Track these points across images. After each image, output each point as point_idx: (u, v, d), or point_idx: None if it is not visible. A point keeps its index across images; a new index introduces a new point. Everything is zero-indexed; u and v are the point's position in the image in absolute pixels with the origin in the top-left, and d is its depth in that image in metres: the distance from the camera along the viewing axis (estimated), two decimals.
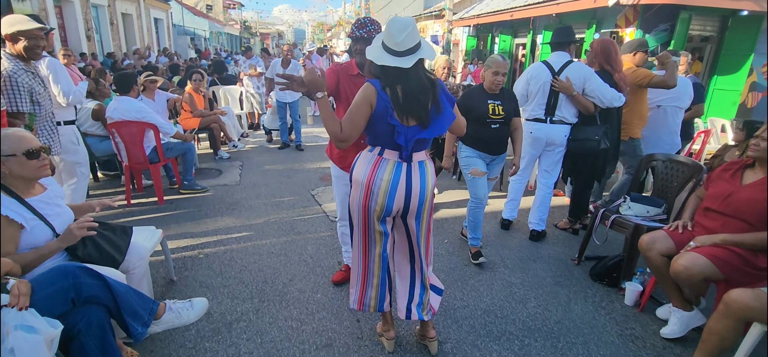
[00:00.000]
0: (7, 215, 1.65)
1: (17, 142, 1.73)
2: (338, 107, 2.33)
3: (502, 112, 2.85)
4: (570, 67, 3.11)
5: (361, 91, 1.76)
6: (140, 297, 1.71)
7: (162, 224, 3.62)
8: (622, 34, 8.95)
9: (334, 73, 2.27)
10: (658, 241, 2.30)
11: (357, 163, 1.90)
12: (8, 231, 1.66)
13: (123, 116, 3.82)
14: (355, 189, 1.89)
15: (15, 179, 1.75)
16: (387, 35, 1.73)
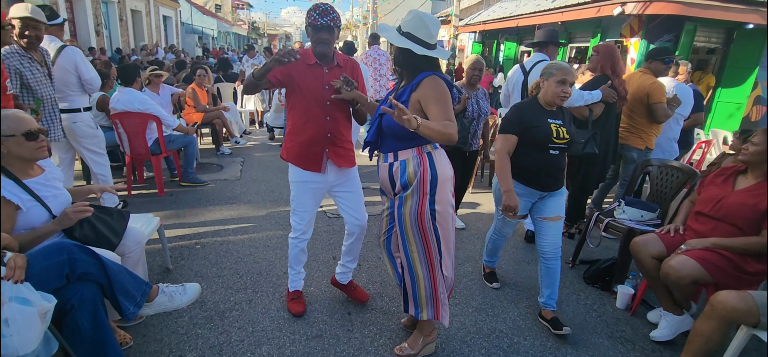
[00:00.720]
0: (4, 196, 1.68)
1: (16, 123, 1.78)
2: (289, 97, 2.12)
3: (567, 134, 2.24)
4: (537, 65, 3.25)
5: (439, 86, 1.72)
6: (133, 278, 1.74)
7: (159, 214, 3.68)
8: (627, 44, 8.96)
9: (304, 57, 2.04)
10: (650, 244, 2.32)
11: (438, 163, 1.82)
12: (5, 211, 1.69)
13: (126, 107, 3.88)
14: (444, 188, 1.82)
15: (13, 160, 1.79)
16: (420, 26, 1.72)
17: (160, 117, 3.99)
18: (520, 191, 2.27)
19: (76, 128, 3.27)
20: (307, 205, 2.21)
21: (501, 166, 2.21)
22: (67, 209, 1.80)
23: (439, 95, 1.72)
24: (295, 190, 2.20)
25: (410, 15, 1.77)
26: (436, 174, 1.81)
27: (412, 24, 1.75)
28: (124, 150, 4.09)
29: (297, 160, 2.14)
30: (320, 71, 2.06)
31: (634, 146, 3.46)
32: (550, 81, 2.20)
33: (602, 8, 8.12)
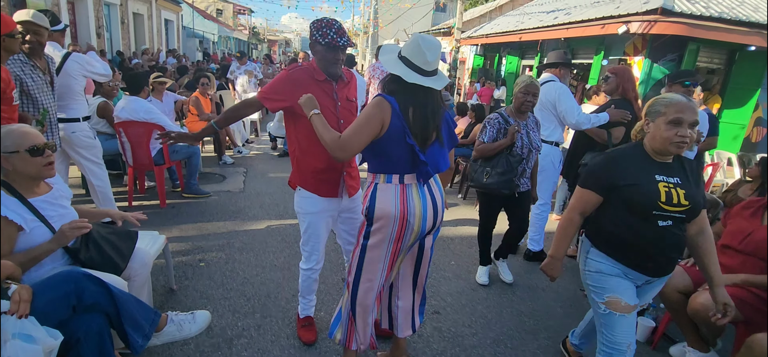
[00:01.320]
0: (6, 216, 1.59)
1: (21, 138, 1.68)
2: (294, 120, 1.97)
3: (685, 200, 1.62)
4: (544, 86, 3.20)
5: (374, 106, 1.62)
6: (142, 306, 1.64)
7: (163, 227, 3.58)
8: (631, 63, 8.99)
9: (290, 82, 1.92)
10: (676, 278, 2.24)
11: (378, 199, 1.70)
12: (6, 232, 1.59)
13: (131, 116, 3.78)
14: (383, 225, 1.70)
15: (18, 177, 1.70)
16: (416, 53, 1.62)
17: (164, 127, 3.89)
18: (616, 269, 1.72)
19: (75, 138, 3.16)
20: (321, 236, 2.10)
21: (561, 228, 1.79)
22: (63, 226, 1.68)
23: (363, 113, 1.64)
24: (309, 222, 2.06)
25: (411, 40, 1.68)
26: (374, 208, 1.71)
27: (409, 49, 1.65)
28: (126, 159, 3.98)
29: (314, 187, 2.00)
30: (330, 87, 1.97)
31: None
32: (659, 121, 1.62)
33: (607, 26, 8.15)
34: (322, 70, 1.94)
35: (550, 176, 3.31)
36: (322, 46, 1.87)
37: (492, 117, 2.83)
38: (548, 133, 3.20)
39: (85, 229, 1.66)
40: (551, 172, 3.29)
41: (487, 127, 2.81)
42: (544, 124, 3.21)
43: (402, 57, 1.67)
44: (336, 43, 1.84)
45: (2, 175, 1.70)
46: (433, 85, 1.63)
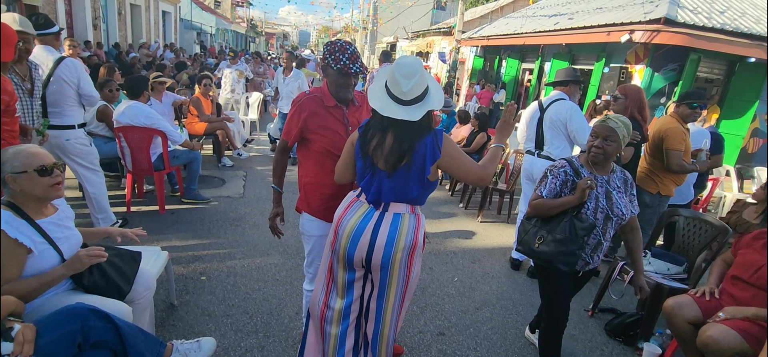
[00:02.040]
0: (16, 238, 1.53)
1: (29, 158, 1.63)
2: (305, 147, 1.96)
3: None
4: (555, 104, 3.19)
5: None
6: (148, 339, 1.60)
7: (163, 235, 3.52)
8: (632, 71, 9.00)
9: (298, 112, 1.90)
10: (685, 307, 2.23)
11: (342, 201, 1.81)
12: (14, 254, 1.54)
13: (131, 121, 3.71)
14: (332, 227, 1.78)
15: (26, 198, 1.64)
16: (392, 81, 1.55)
17: (166, 133, 3.83)
18: None
19: (70, 146, 3.08)
20: (326, 257, 2.02)
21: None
22: (80, 253, 1.64)
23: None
24: (314, 244, 2.05)
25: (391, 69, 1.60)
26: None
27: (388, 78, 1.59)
28: (125, 164, 3.91)
29: (322, 214, 1.98)
30: (341, 113, 1.94)
31: (647, 189, 3.33)
32: None
33: (611, 33, 8.14)
34: (332, 95, 1.91)
35: None
36: (334, 71, 1.84)
37: (556, 165, 2.14)
38: (558, 151, 3.17)
39: (102, 258, 1.61)
40: None
41: (548, 177, 2.13)
42: (554, 143, 3.19)
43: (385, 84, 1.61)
44: (348, 69, 1.81)
45: (9, 196, 1.64)
46: (409, 118, 1.54)
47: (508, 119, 1.76)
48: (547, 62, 11.75)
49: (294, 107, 1.93)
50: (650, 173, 3.33)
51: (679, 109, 3.23)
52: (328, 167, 1.91)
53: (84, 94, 3.07)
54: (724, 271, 2.37)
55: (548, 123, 3.19)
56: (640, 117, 3.10)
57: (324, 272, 1.85)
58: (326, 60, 1.84)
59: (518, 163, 4.97)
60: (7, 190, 1.64)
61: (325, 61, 1.85)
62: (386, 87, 1.59)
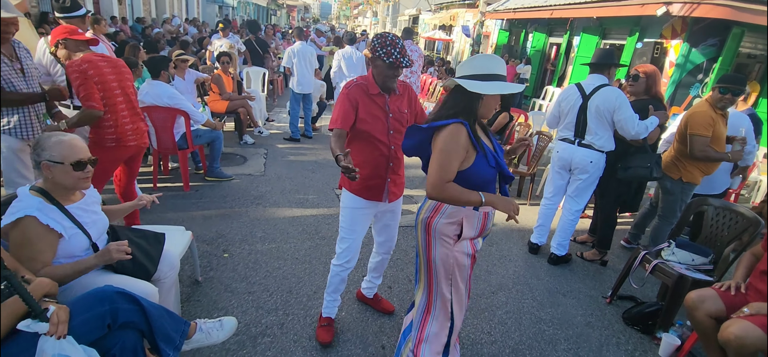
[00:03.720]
0: (48, 224, 1.63)
1: (68, 150, 1.72)
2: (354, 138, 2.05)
3: None
4: (601, 91, 3.01)
5: (452, 137, 1.61)
6: (173, 318, 1.68)
7: (188, 212, 3.66)
8: (667, 46, 8.52)
9: (350, 100, 1.98)
10: (707, 301, 2.17)
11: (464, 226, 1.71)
12: (47, 239, 1.64)
13: (155, 101, 3.80)
14: (461, 247, 1.74)
15: (56, 185, 1.73)
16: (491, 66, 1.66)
17: (188, 113, 3.91)
18: None
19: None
20: (359, 233, 2.19)
21: None
22: (110, 247, 1.71)
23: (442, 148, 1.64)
24: (350, 217, 2.16)
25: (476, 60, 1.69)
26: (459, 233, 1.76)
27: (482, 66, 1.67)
28: (150, 143, 4.04)
29: (360, 192, 2.11)
30: (383, 100, 2.06)
31: (669, 175, 3.22)
32: None
33: (645, 6, 7.67)
34: (378, 84, 2.03)
35: (594, 184, 3.20)
36: (384, 63, 1.94)
37: None
38: (601, 142, 3.04)
39: (128, 256, 1.69)
40: (596, 179, 3.17)
41: None
42: (598, 133, 3.04)
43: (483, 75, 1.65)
44: (399, 63, 1.92)
45: (41, 182, 1.73)
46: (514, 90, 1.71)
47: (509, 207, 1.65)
48: (576, 37, 11.24)
49: (344, 94, 2.01)
50: (675, 159, 3.21)
51: (713, 90, 3.04)
52: (366, 150, 2.06)
53: None
54: (752, 265, 2.28)
55: (594, 111, 3.00)
56: (659, 93, 2.98)
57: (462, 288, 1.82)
58: (377, 52, 1.94)
59: (541, 144, 4.85)
60: (40, 174, 1.73)
61: (376, 54, 1.94)
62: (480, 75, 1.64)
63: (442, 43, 21.01)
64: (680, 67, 8.19)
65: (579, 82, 3.16)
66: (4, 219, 1.63)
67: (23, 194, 1.71)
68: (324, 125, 7.38)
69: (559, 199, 3.44)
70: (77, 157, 1.71)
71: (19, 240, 1.61)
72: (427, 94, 8.10)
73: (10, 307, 1.29)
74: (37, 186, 1.73)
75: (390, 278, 3.00)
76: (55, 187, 1.72)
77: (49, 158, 1.69)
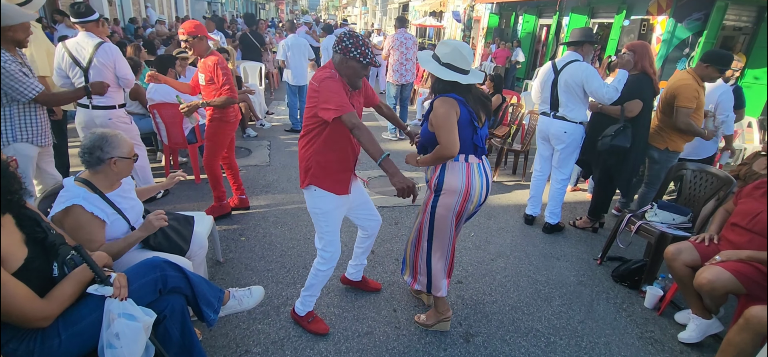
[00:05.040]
0: (92, 212, 1.83)
1: (129, 146, 1.96)
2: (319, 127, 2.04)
3: None
4: (569, 66, 3.23)
5: (445, 105, 1.97)
6: (210, 287, 1.89)
7: (201, 202, 3.86)
8: (653, 22, 8.73)
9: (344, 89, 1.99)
10: (684, 252, 2.42)
11: (447, 175, 2.08)
12: (93, 227, 1.84)
13: (164, 98, 3.97)
14: (449, 198, 2.09)
15: (110, 176, 1.93)
16: (458, 58, 2.00)
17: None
18: None
19: (112, 125, 3.35)
20: (338, 229, 2.21)
21: None
22: (150, 217, 1.92)
23: (439, 120, 1.97)
24: (329, 220, 2.14)
25: (448, 47, 2.03)
26: (442, 181, 2.09)
27: (452, 56, 2.01)
28: (161, 138, 4.22)
29: (332, 187, 2.09)
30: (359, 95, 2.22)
31: (655, 145, 3.40)
32: None
33: None
34: (347, 82, 2.01)
35: (574, 153, 3.43)
36: (360, 64, 1.96)
37: None
38: (574, 113, 3.28)
39: (165, 222, 1.91)
40: (575, 149, 3.40)
41: None
42: (569, 105, 3.28)
43: (445, 64, 2.02)
44: (374, 63, 2.00)
45: (87, 174, 1.92)
46: (477, 81, 2.03)
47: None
48: (566, 17, 11.42)
49: (332, 81, 1.93)
50: (659, 129, 3.41)
51: (707, 70, 3.15)
52: (340, 144, 2.08)
53: (120, 76, 3.30)
54: (724, 219, 2.53)
55: (563, 85, 3.26)
56: (651, 71, 3.17)
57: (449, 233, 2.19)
58: (352, 53, 1.92)
59: (533, 123, 5.07)
60: (95, 168, 1.90)
61: (351, 55, 1.93)
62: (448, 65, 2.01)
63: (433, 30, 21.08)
64: (667, 43, 8.41)
65: (554, 60, 3.42)
66: (55, 207, 1.83)
67: (69, 185, 1.90)
68: None
69: (547, 170, 3.68)
70: (133, 150, 1.95)
71: (73, 225, 1.80)
72: (422, 81, 8.31)
73: (79, 274, 1.50)
74: (82, 177, 1.93)
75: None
76: (104, 178, 1.92)
77: (120, 155, 1.91)
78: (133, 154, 1.97)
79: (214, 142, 3.37)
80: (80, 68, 3.10)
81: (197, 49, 3.14)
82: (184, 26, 3.13)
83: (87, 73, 3.13)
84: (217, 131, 3.34)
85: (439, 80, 2.03)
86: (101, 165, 1.88)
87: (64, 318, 1.47)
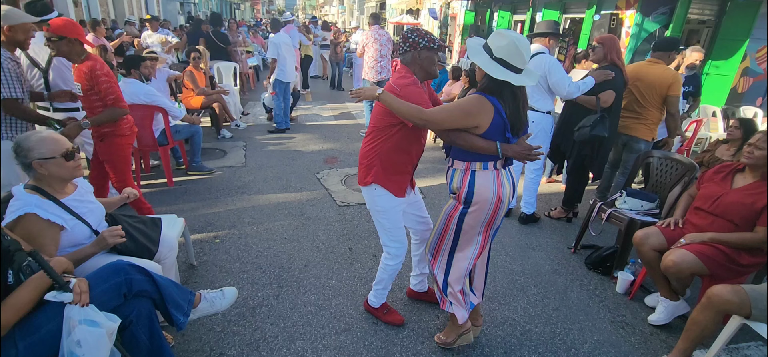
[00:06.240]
0: (48, 219, 1.74)
1: (55, 144, 1.82)
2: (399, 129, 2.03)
3: None
4: (534, 59, 3.29)
5: (475, 103, 1.79)
6: (180, 289, 1.84)
7: (174, 205, 3.76)
8: (622, 16, 8.99)
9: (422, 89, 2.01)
10: (651, 237, 2.50)
11: (477, 184, 1.88)
12: (49, 233, 1.76)
13: (132, 100, 3.84)
14: (480, 208, 1.90)
15: (52, 181, 1.84)
16: (514, 54, 1.74)
17: (166, 109, 3.97)
18: None
19: None
20: (400, 226, 2.21)
21: None
22: (104, 233, 1.85)
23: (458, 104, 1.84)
24: (390, 216, 2.15)
25: (504, 40, 1.75)
26: (473, 192, 1.90)
27: (507, 51, 1.75)
28: None
29: (391, 187, 2.09)
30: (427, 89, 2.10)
31: (644, 138, 3.48)
32: None
33: None
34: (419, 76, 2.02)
35: (543, 142, 3.49)
36: (431, 51, 1.99)
37: None
38: (540, 104, 3.35)
39: (122, 240, 1.84)
40: (544, 138, 3.46)
41: None
42: (535, 96, 3.36)
43: (498, 58, 1.76)
44: (443, 46, 2.01)
45: (34, 179, 1.83)
46: (528, 83, 1.80)
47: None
48: (539, 13, 11.64)
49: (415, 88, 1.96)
50: (646, 121, 3.46)
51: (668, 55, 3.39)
52: (410, 144, 2.06)
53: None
54: (688, 204, 2.62)
55: None
56: (620, 62, 3.26)
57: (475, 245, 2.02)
58: (421, 43, 1.96)
59: None
60: (32, 174, 1.82)
61: (421, 45, 1.97)
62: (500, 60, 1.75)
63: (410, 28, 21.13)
64: (635, 36, 8.67)
65: None
66: (6, 218, 1.73)
67: (19, 193, 1.80)
68: (300, 115, 7.48)
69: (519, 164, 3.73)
70: (64, 149, 1.81)
71: (24, 236, 1.70)
72: None
73: (36, 281, 1.43)
74: (31, 184, 1.83)
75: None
76: (51, 181, 1.83)
77: (40, 156, 1.78)
78: (64, 153, 1.81)
79: (115, 164, 2.86)
80: (39, 69, 2.97)
81: (62, 51, 2.57)
82: (51, 22, 2.62)
83: (46, 74, 3.00)
84: (112, 150, 2.84)
85: (488, 77, 1.79)
86: (30, 170, 1.79)
87: (21, 327, 1.41)
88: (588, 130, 3.23)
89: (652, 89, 3.38)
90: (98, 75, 2.62)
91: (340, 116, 7.71)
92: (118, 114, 2.75)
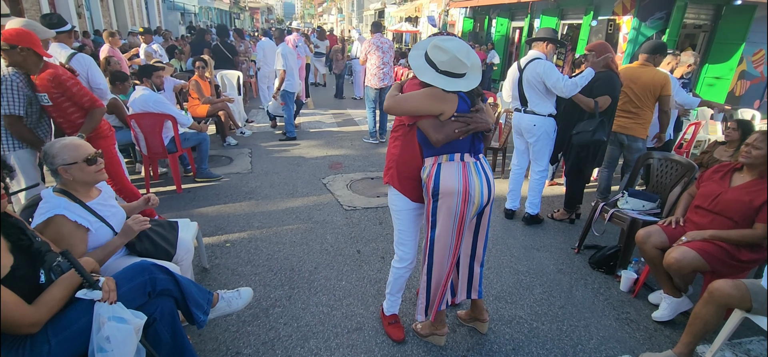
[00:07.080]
0: (76, 220, 1.82)
1: (76, 150, 1.89)
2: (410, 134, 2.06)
3: None
4: (531, 64, 3.40)
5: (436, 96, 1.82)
6: (199, 289, 1.91)
7: (184, 211, 3.82)
8: (619, 22, 9.12)
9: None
10: (653, 235, 2.56)
11: (442, 176, 1.90)
12: (77, 235, 1.83)
13: (143, 108, 3.93)
14: (448, 200, 1.91)
15: (77, 185, 1.91)
16: (457, 65, 1.80)
17: (175, 116, 4.05)
18: None
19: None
20: (413, 234, 2.21)
21: None
22: (128, 221, 1.94)
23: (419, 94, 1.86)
24: (401, 219, 2.16)
25: (445, 55, 1.81)
26: (439, 184, 1.92)
27: (451, 64, 1.81)
28: (140, 149, 4.16)
29: (404, 190, 2.10)
30: None
31: (640, 137, 3.67)
32: None
33: None
34: None
35: (547, 145, 3.57)
36: None
37: None
38: (541, 108, 3.43)
39: (146, 225, 1.90)
40: (547, 141, 3.55)
41: None
42: (534, 100, 3.43)
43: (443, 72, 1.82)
44: None
45: (60, 184, 1.91)
46: (476, 83, 1.88)
47: None
48: (537, 19, 11.79)
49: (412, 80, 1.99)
50: (643, 121, 3.64)
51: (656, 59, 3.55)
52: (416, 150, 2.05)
53: (94, 87, 3.26)
54: (689, 203, 2.69)
55: (526, 83, 3.43)
56: (614, 66, 3.37)
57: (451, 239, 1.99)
58: None
59: (510, 121, 5.23)
60: (59, 179, 1.91)
61: None
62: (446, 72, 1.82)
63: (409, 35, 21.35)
64: (632, 41, 8.80)
65: (519, 60, 3.58)
66: (36, 219, 1.81)
67: (48, 195, 1.88)
68: (303, 122, 7.57)
69: (524, 164, 3.83)
70: (86, 154, 1.89)
71: (54, 237, 1.78)
72: None
73: (67, 280, 1.50)
74: (59, 188, 1.91)
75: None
76: (76, 185, 1.90)
77: (63, 162, 1.86)
78: (86, 158, 1.88)
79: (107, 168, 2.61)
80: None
81: (15, 61, 2.51)
82: (3, 31, 2.55)
83: None
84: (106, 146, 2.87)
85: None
86: (58, 175, 1.87)
87: (54, 324, 1.47)
88: (589, 135, 3.32)
89: (646, 90, 3.53)
90: (64, 80, 2.61)
91: (343, 123, 7.80)
92: (100, 114, 2.78)
